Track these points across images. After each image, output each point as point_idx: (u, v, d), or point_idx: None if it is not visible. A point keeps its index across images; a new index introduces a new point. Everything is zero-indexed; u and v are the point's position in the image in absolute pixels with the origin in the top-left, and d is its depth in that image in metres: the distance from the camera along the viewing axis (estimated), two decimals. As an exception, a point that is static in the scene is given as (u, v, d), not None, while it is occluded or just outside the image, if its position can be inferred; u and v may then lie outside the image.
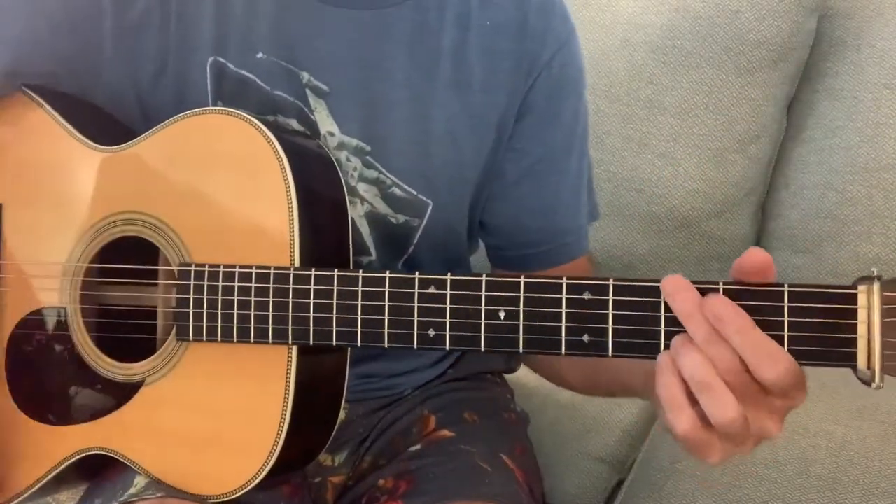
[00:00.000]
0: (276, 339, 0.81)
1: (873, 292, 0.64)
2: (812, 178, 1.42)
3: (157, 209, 0.87)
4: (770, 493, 1.04)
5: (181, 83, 0.92)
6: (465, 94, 0.93)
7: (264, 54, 0.90)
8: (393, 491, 0.94)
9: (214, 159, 0.86)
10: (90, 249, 0.89)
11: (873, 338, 0.63)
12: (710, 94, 1.42)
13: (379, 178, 0.93)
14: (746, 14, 1.39)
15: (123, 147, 0.89)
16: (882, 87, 1.38)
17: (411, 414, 1.03)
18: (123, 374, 0.87)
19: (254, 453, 0.82)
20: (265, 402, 0.82)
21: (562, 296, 0.72)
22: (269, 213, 0.83)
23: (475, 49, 0.93)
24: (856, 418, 1.16)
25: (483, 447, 0.97)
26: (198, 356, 0.85)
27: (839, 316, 0.65)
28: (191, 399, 0.85)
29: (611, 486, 1.19)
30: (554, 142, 0.98)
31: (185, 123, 0.87)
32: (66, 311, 0.90)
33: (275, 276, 0.81)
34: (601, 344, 0.71)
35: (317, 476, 1.01)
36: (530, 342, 0.73)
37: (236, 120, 0.85)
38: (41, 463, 0.90)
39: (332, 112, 0.91)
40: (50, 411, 0.90)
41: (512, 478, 0.96)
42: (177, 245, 0.85)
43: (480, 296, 0.74)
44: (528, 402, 1.18)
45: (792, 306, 0.66)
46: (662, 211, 1.46)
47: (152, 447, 0.86)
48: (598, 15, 1.49)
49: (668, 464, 1.12)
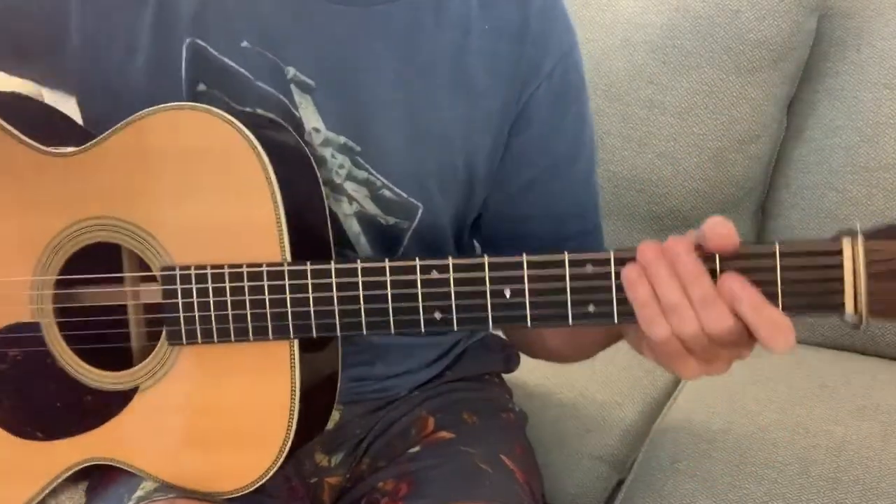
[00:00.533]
0: (277, 335, 0.81)
1: (857, 243, 0.70)
2: (812, 178, 1.42)
3: (128, 212, 0.84)
4: (770, 493, 1.04)
5: (153, 64, 0.89)
6: (464, 98, 0.91)
7: (249, 44, 0.88)
8: (393, 493, 0.93)
9: (186, 157, 0.82)
10: (57, 261, 0.86)
11: (859, 285, 0.70)
12: (710, 94, 1.42)
13: (369, 179, 0.91)
14: (746, 14, 1.39)
15: (81, 150, 0.85)
16: (882, 87, 1.38)
17: (410, 415, 1.03)
18: (114, 383, 0.86)
19: (268, 444, 0.82)
20: (273, 393, 0.82)
21: (565, 271, 0.74)
22: (252, 208, 0.80)
23: (475, 52, 0.91)
24: (856, 418, 1.16)
25: (483, 448, 0.97)
26: (193, 357, 0.84)
27: (826, 267, 0.71)
28: (193, 399, 0.84)
29: (611, 486, 1.18)
30: (558, 152, 0.96)
31: (148, 121, 0.83)
32: (41, 325, 0.87)
33: (268, 273, 0.79)
34: (607, 312, 0.74)
35: (313, 477, 1.00)
36: (538, 317, 0.76)
37: (205, 115, 0.81)
38: (33, 481, 0.88)
39: (318, 108, 0.90)
40: (36, 428, 0.88)
41: (512, 478, 0.96)
42: (153, 248, 0.83)
43: (484, 277, 0.76)
44: (528, 403, 1.18)
45: (783, 264, 0.71)
46: (663, 211, 1.46)
47: (157, 452, 0.86)
48: (598, 15, 1.49)
49: (668, 464, 1.12)
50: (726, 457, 1.10)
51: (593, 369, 1.37)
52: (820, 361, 1.34)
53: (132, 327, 0.87)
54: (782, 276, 0.71)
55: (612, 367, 1.37)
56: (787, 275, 0.71)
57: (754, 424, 1.16)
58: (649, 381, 1.35)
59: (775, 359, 1.35)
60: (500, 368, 1.14)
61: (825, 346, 1.41)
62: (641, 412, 1.29)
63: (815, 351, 1.39)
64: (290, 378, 0.82)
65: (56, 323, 0.87)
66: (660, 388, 1.35)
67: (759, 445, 1.11)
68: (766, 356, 1.44)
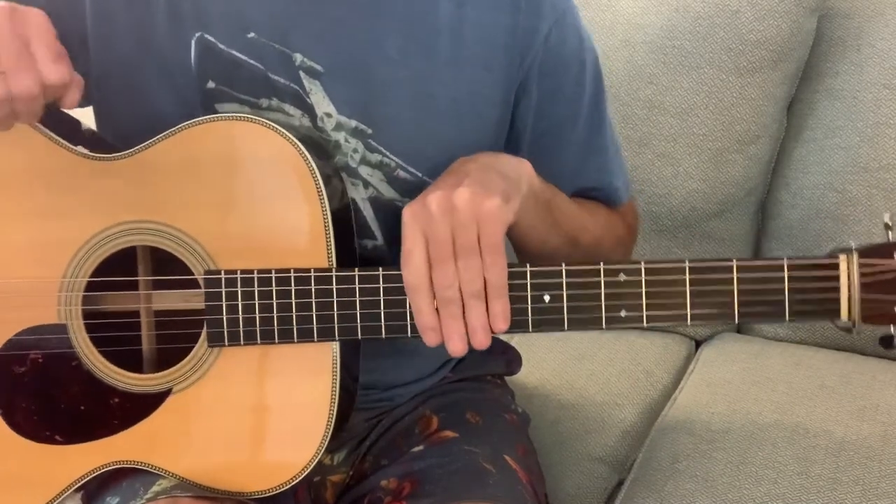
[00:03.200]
0: (322, 338, 0.84)
1: (852, 261, 0.81)
2: (812, 178, 1.42)
3: (169, 217, 0.85)
4: (770, 493, 1.04)
5: (165, 61, 0.90)
6: (466, 72, 0.92)
7: (256, 34, 0.89)
8: (397, 492, 0.94)
9: (233, 164, 0.85)
10: (90, 264, 0.86)
11: (853, 295, 0.81)
12: (710, 94, 1.42)
13: (383, 162, 0.92)
14: (746, 14, 1.39)
15: (124, 155, 0.86)
16: (882, 87, 1.38)
17: (413, 414, 1.03)
18: (145, 385, 0.87)
19: (306, 444, 0.85)
20: (313, 394, 0.85)
21: (601, 279, 0.81)
22: (301, 214, 0.83)
23: (472, 25, 0.91)
24: (856, 418, 1.16)
25: (486, 448, 0.97)
26: (231, 360, 0.85)
27: (825, 279, 0.82)
28: (230, 401, 0.86)
29: (611, 486, 1.18)
30: (556, 115, 0.97)
31: (194, 131, 0.85)
32: (68, 326, 0.87)
33: (316, 278, 0.83)
34: (637, 317, 0.82)
35: (316, 475, 1.01)
36: (574, 321, 0.82)
37: (254, 125, 0.84)
38: (50, 486, 0.88)
39: (328, 93, 0.90)
40: (56, 432, 0.88)
41: (516, 479, 0.96)
42: (196, 252, 0.85)
43: (526, 283, 0.81)
44: (529, 403, 1.19)
45: (790, 275, 0.82)
46: (662, 211, 1.46)
47: (187, 454, 0.86)
48: (598, 15, 1.49)
49: (668, 464, 1.12)
50: (726, 457, 1.10)
51: (593, 371, 1.37)
52: (820, 361, 1.34)
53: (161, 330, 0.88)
54: (789, 287, 0.82)
55: (611, 369, 1.38)
56: (793, 285, 0.82)
57: (754, 424, 1.16)
58: (649, 382, 1.36)
59: (775, 359, 1.35)
60: (502, 371, 1.14)
61: (825, 346, 1.41)
62: (641, 413, 1.29)
63: (815, 351, 1.39)
64: (332, 379, 0.84)
65: (84, 325, 0.87)
66: (659, 389, 1.35)
67: (759, 445, 1.11)
68: (765, 356, 1.44)
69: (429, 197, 0.79)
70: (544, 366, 1.37)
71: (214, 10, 0.89)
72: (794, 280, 0.81)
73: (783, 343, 1.43)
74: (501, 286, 0.79)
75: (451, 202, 0.78)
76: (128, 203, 0.86)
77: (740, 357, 1.37)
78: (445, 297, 0.79)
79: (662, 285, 0.82)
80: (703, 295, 0.82)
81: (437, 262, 0.78)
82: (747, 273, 0.81)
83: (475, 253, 0.78)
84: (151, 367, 0.88)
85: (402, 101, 0.91)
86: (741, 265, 0.81)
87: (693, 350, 1.49)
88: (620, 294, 0.82)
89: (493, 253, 0.78)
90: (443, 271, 0.78)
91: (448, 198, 0.78)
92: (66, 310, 0.87)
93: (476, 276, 0.78)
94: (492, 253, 0.78)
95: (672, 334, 1.50)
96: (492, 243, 0.78)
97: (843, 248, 0.82)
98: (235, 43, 0.89)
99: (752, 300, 0.82)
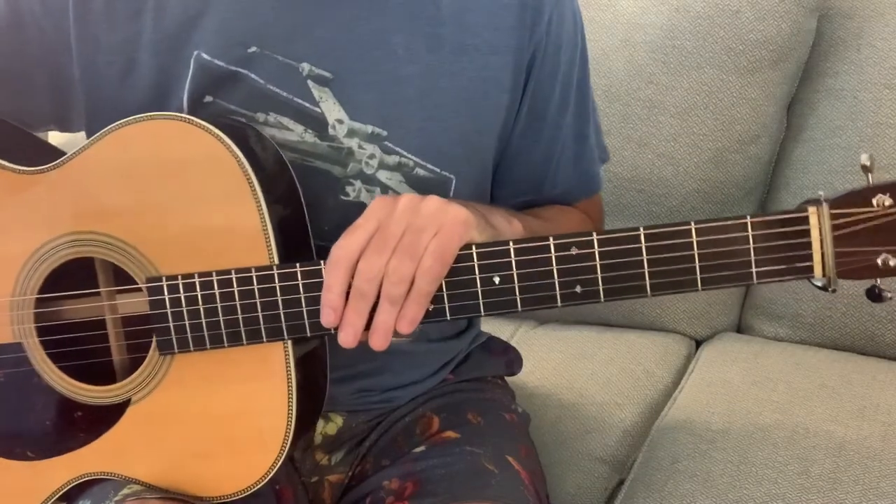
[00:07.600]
0: (271, 338, 0.81)
1: (823, 213, 0.75)
2: (812, 178, 1.42)
3: (106, 226, 0.83)
4: (770, 493, 1.04)
5: (155, 80, 0.89)
6: (473, 59, 0.91)
7: (258, 48, 0.88)
8: (399, 492, 0.93)
9: (165, 167, 0.82)
10: (35, 280, 0.86)
11: (826, 249, 0.75)
12: (710, 94, 1.42)
13: (401, 163, 0.91)
14: (746, 14, 1.39)
15: (54, 166, 0.85)
16: (882, 87, 1.38)
17: (413, 414, 1.03)
18: (105, 397, 0.86)
19: (268, 445, 0.83)
20: (270, 396, 0.83)
21: (551, 255, 0.77)
22: (236, 212, 0.81)
23: (474, 10, 0.91)
24: (856, 418, 1.16)
25: (489, 448, 0.97)
26: (185, 366, 0.84)
27: (794, 237, 0.76)
28: (189, 408, 0.85)
29: (611, 486, 1.18)
30: (552, 97, 0.96)
31: (122, 133, 0.83)
32: (24, 345, 0.87)
33: (258, 277, 0.80)
34: (593, 292, 0.78)
35: (314, 476, 1.00)
36: (527, 300, 0.78)
37: (182, 124, 0.81)
38: (29, 501, 0.88)
39: (339, 99, 0.89)
40: (27, 448, 0.88)
41: (518, 479, 0.96)
42: (137, 259, 0.83)
43: (473, 266, 0.78)
44: (529, 403, 1.19)
45: (755, 234, 0.76)
46: (662, 211, 1.46)
47: (154, 461, 0.86)
48: (598, 15, 1.49)
49: (668, 464, 1.12)
50: (726, 457, 1.10)
51: (593, 370, 1.37)
52: (820, 361, 1.34)
53: (116, 340, 0.87)
54: (755, 246, 0.76)
55: (611, 368, 1.38)
56: (759, 244, 0.76)
57: (754, 424, 1.16)
58: (649, 382, 1.36)
59: (775, 359, 1.35)
60: (503, 372, 1.14)
61: (825, 346, 1.41)
62: (641, 413, 1.29)
63: (815, 351, 1.39)
64: (287, 379, 0.82)
65: (40, 342, 0.87)
66: (659, 389, 1.35)
67: (759, 445, 1.11)
68: (765, 356, 1.44)
69: (403, 195, 0.78)
70: (544, 366, 1.37)
71: (210, 29, 0.88)
72: (759, 238, 0.75)
73: (783, 343, 1.43)
74: (426, 294, 0.76)
75: (418, 204, 0.77)
76: (65, 215, 0.84)
77: (740, 357, 1.37)
78: (360, 289, 0.76)
79: (618, 256, 0.77)
80: (663, 263, 0.76)
81: (371, 251, 0.76)
82: (708, 235, 0.75)
83: (413, 258, 0.75)
84: (121, 377, 0.87)
85: (412, 97, 0.90)
86: (700, 227, 0.76)
87: (693, 350, 1.49)
88: (574, 269, 0.77)
89: (437, 259, 0.75)
90: (370, 262, 0.75)
91: (418, 200, 0.78)
92: (20, 328, 0.87)
93: (401, 280, 0.75)
94: (436, 259, 0.75)
95: (672, 334, 1.50)
96: (442, 249, 0.75)
97: (813, 200, 0.76)
98: (236, 60, 0.88)
99: (716, 264, 0.76)
